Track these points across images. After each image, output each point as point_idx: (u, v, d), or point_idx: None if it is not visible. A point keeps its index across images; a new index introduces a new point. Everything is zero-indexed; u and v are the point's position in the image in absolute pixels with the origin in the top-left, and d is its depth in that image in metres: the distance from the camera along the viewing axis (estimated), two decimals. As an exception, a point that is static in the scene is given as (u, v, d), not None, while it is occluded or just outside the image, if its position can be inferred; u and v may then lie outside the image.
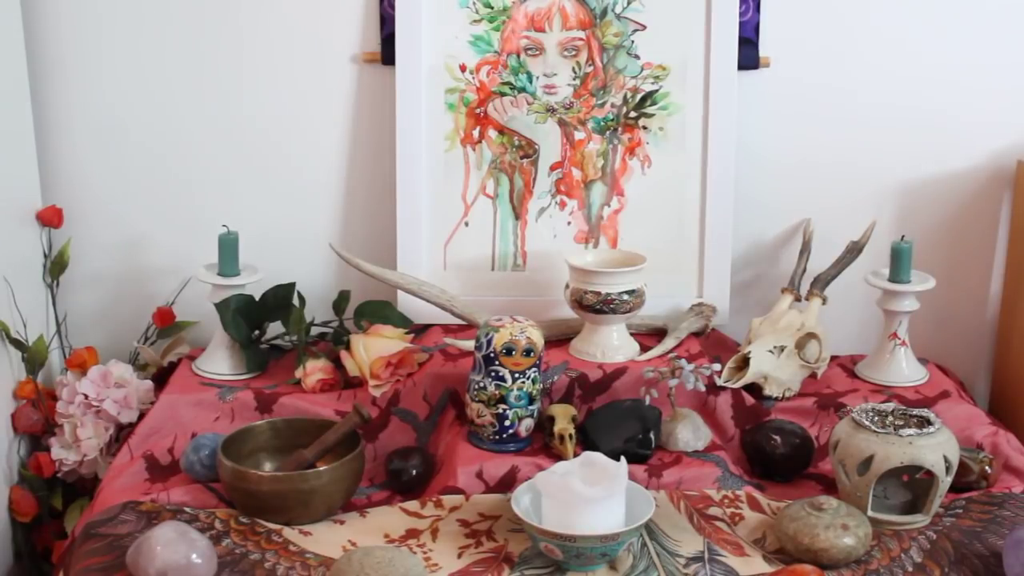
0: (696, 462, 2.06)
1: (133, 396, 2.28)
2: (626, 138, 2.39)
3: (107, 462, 2.23)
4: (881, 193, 2.49)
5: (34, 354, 2.32)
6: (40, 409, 2.31)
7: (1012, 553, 1.74)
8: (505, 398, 2.04)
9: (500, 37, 2.37)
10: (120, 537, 1.84)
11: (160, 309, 2.44)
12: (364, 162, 2.45)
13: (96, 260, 2.47)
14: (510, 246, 2.42)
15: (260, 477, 1.90)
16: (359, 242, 2.46)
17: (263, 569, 1.78)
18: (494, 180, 2.40)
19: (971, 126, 2.46)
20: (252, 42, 2.39)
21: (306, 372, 2.24)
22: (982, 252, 2.53)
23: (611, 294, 2.20)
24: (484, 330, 2.06)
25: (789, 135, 2.45)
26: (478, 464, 2.02)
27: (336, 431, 1.99)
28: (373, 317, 2.31)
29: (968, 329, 2.57)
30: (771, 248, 2.51)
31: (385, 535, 1.90)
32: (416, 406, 2.18)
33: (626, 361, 2.23)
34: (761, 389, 2.23)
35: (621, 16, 2.36)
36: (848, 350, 2.47)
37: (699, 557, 1.84)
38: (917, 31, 2.42)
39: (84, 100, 2.40)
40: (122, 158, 2.44)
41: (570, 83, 2.38)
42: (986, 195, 2.49)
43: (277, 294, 2.30)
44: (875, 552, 1.84)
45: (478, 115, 2.38)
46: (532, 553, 1.84)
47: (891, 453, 1.88)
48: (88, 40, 2.38)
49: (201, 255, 2.35)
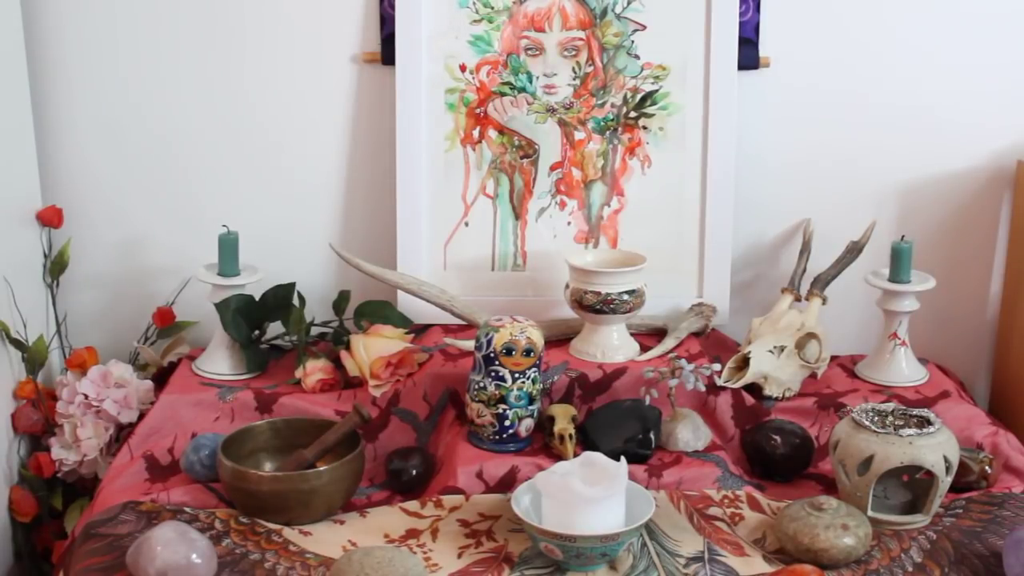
0: (696, 462, 2.06)
1: (133, 396, 2.28)
2: (626, 138, 2.39)
3: (107, 462, 2.23)
4: (881, 193, 2.48)
5: (34, 354, 2.32)
6: (40, 409, 2.31)
7: (1012, 553, 1.74)
8: (505, 398, 2.04)
9: (500, 37, 2.36)
10: (120, 537, 1.84)
11: (160, 309, 2.44)
12: (364, 162, 2.45)
13: (96, 260, 2.47)
14: (510, 246, 2.42)
15: (260, 477, 1.90)
16: (359, 242, 2.46)
17: (263, 569, 1.78)
18: (494, 180, 2.40)
19: (971, 126, 2.45)
20: (252, 42, 2.39)
21: (306, 372, 2.24)
22: (982, 252, 2.53)
23: (611, 294, 2.20)
24: (484, 330, 2.05)
25: (789, 135, 2.45)
26: (478, 464, 2.02)
27: (336, 431, 1.99)
28: (373, 317, 2.31)
29: (968, 329, 2.56)
30: (771, 248, 2.51)
31: (385, 535, 1.90)
32: (416, 406, 2.18)
33: (626, 361, 2.23)
34: (761, 389, 2.23)
35: (621, 16, 2.36)
36: (848, 350, 2.47)
37: (699, 557, 1.84)
38: (917, 31, 2.42)
39: (84, 100, 2.40)
40: (122, 158, 2.44)
41: (570, 83, 2.38)
42: (986, 195, 2.49)
43: (277, 294, 2.30)
44: (875, 552, 1.84)
45: (478, 115, 2.38)
46: (532, 553, 1.84)
47: (891, 453, 1.88)
48: (88, 40, 2.38)
49: (201, 255, 2.35)
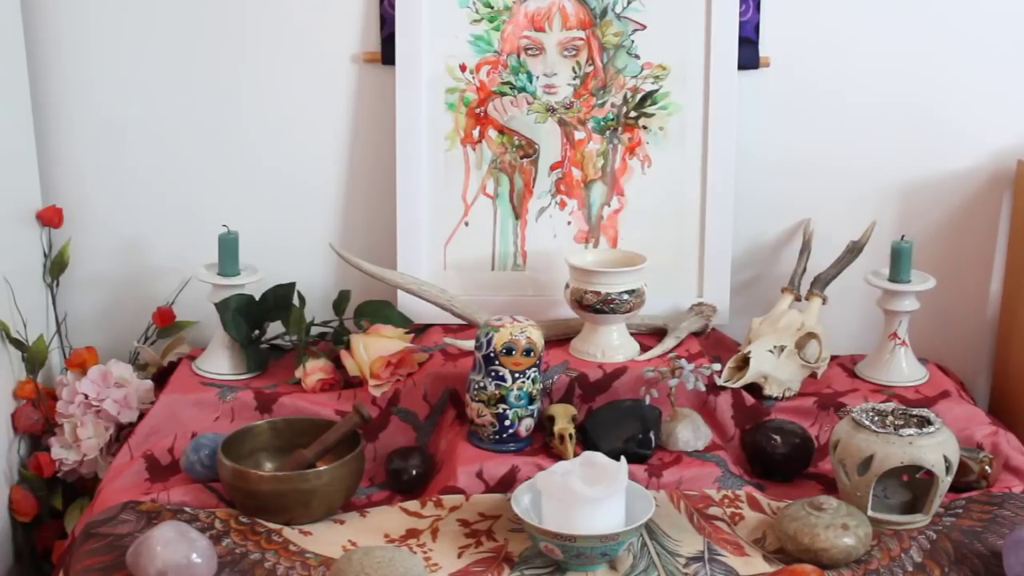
0: (696, 462, 2.06)
1: (133, 396, 2.28)
2: (626, 138, 2.39)
3: (107, 462, 2.23)
4: (881, 193, 2.48)
5: (34, 354, 2.32)
6: (40, 409, 2.31)
7: (1012, 553, 1.74)
8: (505, 398, 2.04)
9: (500, 37, 2.36)
10: (120, 537, 1.84)
11: (160, 309, 2.44)
12: (364, 162, 2.45)
13: (96, 260, 2.47)
14: (510, 246, 2.42)
15: (260, 477, 1.90)
16: (359, 242, 2.46)
17: (263, 569, 1.78)
18: (494, 180, 2.40)
19: (971, 126, 2.45)
20: (252, 42, 2.39)
21: (306, 372, 2.24)
22: (982, 252, 2.53)
23: (611, 294, 2.20)
24: (484, 330, 2.05)
25: (789, 135, 2.45)
26: (478, 464, 2.02)
27: (336, 431, 1.99)
28: (373, 317, 2.31)
29: (968, 329, 2.56)
30: (771, 248, 2.51)
31: (385, 535, 1.90)
32: (416, 406, 2.18)
33: (626, 361, 2.23)
34: (761, 389, 2.23)
35: (621, 16, 2.36)
36: (848, 350, 2.47)
37: (699, 557, 1.84)
38: (917, 30, 2.42)
39: (84, 100, 2.40)
40: (122, 158, 2.44)
41: (570, 83, 2.38)
42: (986, 195, 2.49)
43: (277, 294, 2.30)
44: (875, 552, 1.84)
45: (478, 115, 2.38)
46: (532, 553, 1.84)
47: (891, 453, 1.88)
48: (88, 41, 2.38)
49: (201, 255, 2.35)
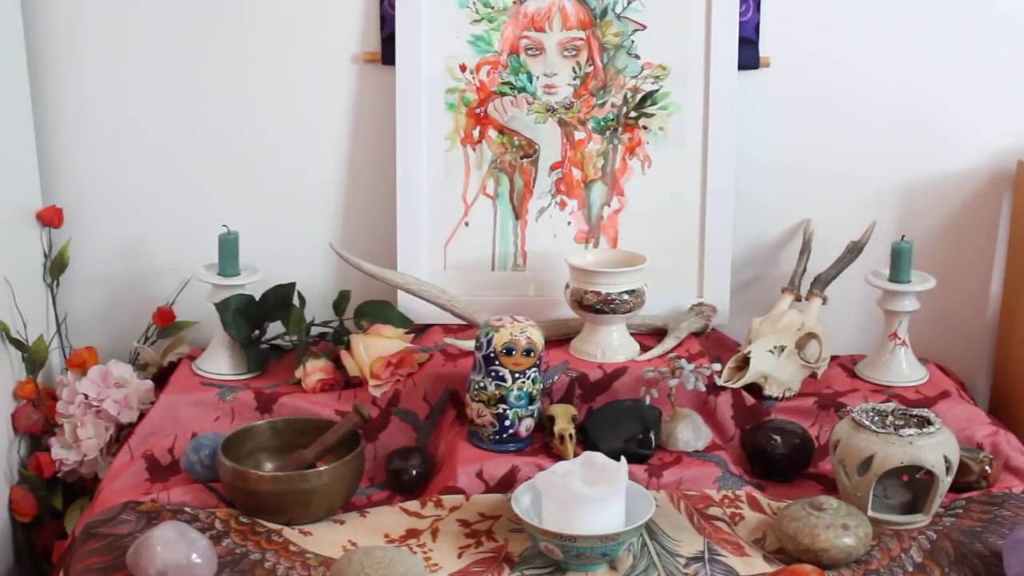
0: (696, 462, 2.06)
1: (133, 396, 2.28)
2: (626, 138, 2.39)
3: (107, 462, 2.23)
4: (881, 193, 2.48)
5: (34, 354, 2.32)
6: (40, 409, 2.31)
7: (1012, 553, 1.74)
8: (505, 398, 2.04)
9: (500, 37, 2.36)
10: (120, 537, 1.84)
11: (160, 309, 2.44)
12: (364, 162, 2.45)
13: (96, 260, 2.47)
14: (510, 246, 2.42)
15: (260, 477, 1.90)
16: (359, 242, 2.46)
17: (263, 569, 1.78)
18: (494, 180, 2.40)
19: (971, 126, 2.45)
20: (252, 42, 2.39)
21: (306, 372, 2.24)
22: (982, 252, 2.52)
23: (611, 294, 2.20)
24: (484, 330, 2.05)
25: (789, 135, 2.45)
26: (478, 464, 2.02)
27: (336, 431, 1.99)
28: (373, 317, 2.31)
29: (968, 329, 2.56)
30: (771, 248, 2.51)
31: (385, 535, 1.90)
32: (416, 406, 2.18)
33: (626, 361, 2.23)
34: (761, 389, 2.23)
35: (621, 16, 2.36)
36: (848, 350, 2.47)
37: (699, 557, 1.84)
38: (918, 30, 2.42)
39: (84, 100, 2.41)
40: (122, 158, 2.44)
41: (570, 83, 2.38)
42: (986, 195, 2.49)
43: (277, 294, 2.30)
44: (875, 552, 1.84)
45: (478, 115, 2.38)
46: (532, 553, 1.84)
47: (891, 453, 1.88)
48: (88, 40, 2.38)
49: (201, 255, 2.35)
